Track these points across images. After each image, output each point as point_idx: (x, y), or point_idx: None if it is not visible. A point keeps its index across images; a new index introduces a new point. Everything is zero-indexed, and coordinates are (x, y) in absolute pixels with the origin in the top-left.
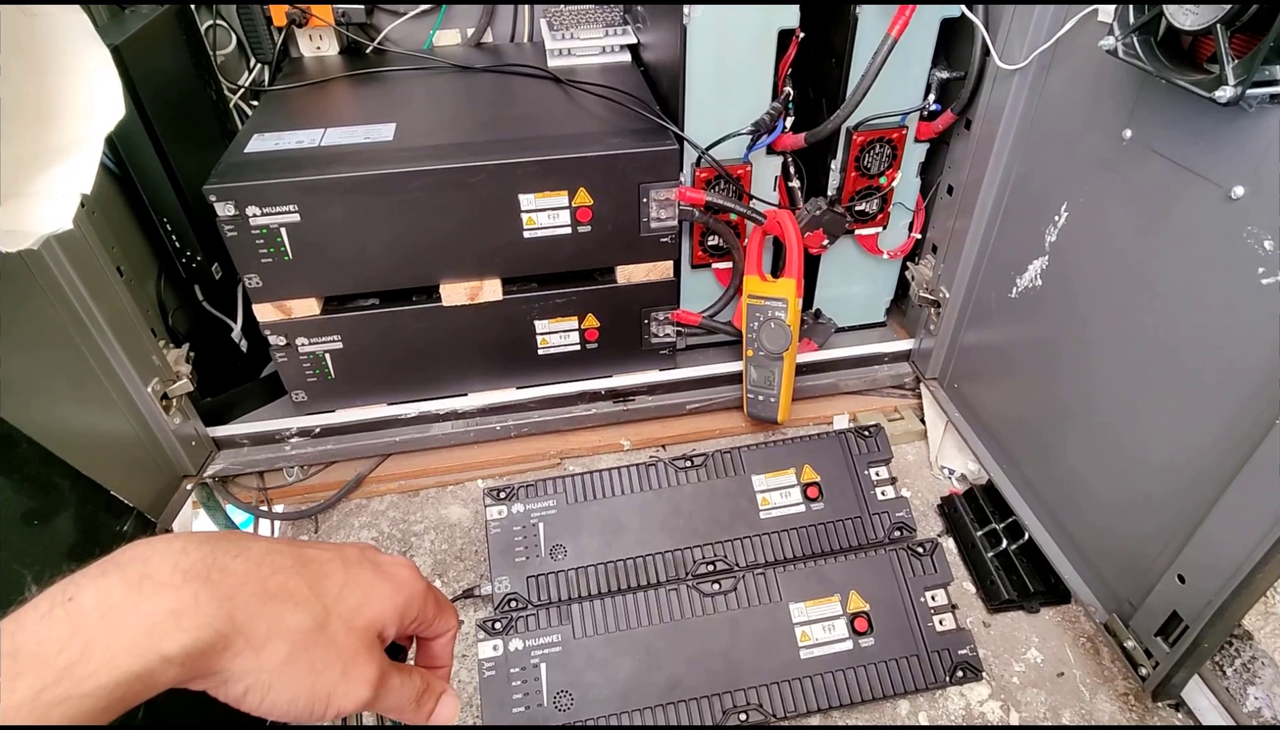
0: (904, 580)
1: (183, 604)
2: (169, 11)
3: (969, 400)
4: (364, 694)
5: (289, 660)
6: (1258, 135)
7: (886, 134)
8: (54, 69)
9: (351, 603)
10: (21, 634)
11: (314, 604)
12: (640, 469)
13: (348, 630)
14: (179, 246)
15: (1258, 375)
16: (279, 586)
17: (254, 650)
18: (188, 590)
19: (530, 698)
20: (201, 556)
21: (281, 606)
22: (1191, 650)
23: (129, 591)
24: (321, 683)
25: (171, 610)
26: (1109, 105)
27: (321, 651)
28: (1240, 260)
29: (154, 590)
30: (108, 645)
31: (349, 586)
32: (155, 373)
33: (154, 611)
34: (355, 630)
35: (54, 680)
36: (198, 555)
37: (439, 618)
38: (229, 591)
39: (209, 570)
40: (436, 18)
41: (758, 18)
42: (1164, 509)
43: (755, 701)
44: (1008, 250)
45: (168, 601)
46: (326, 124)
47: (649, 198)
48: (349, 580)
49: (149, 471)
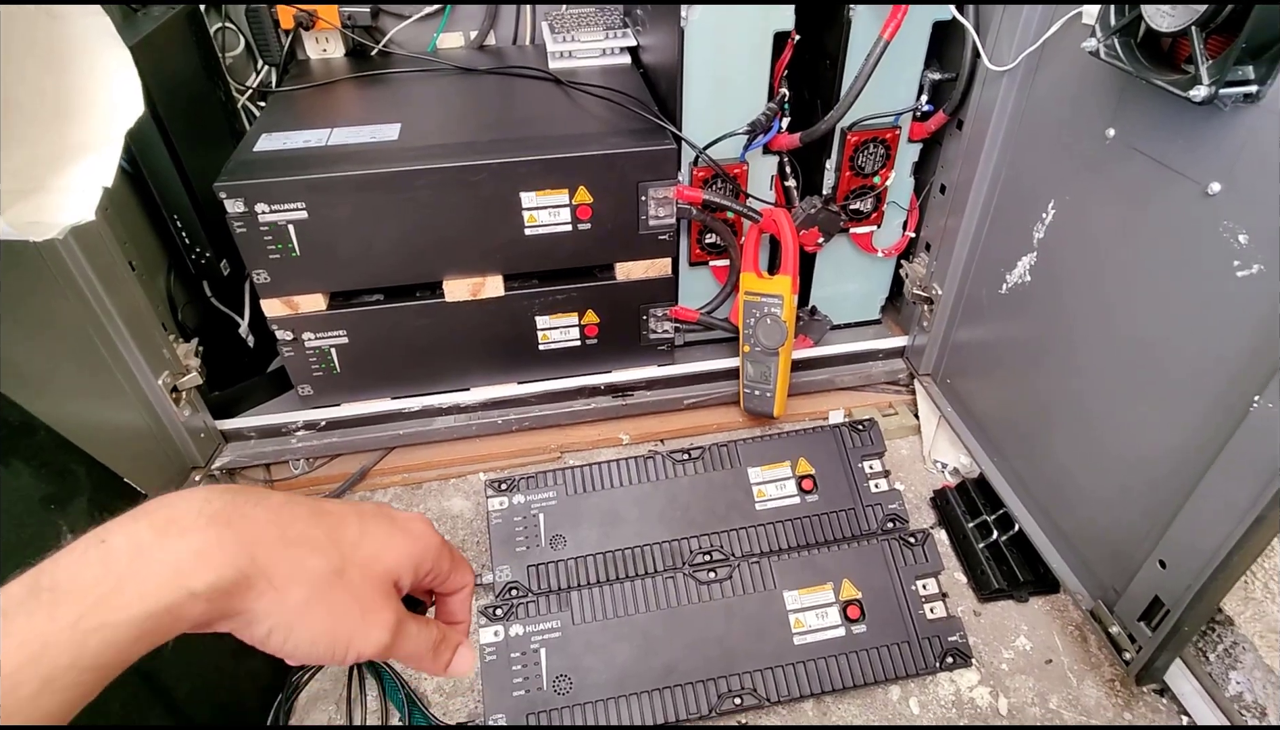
0: (895, 569)
1: (207, 545)
2: (180, 14)
3: (961, 395)
4: (382, 638)
5: (309, 602)
6: (1232, 133)
7: (880, 134)
8: (76, 68)
9: (368, 551)
10: (59, 571)
11: (331, 551)
12: (639, 462)
13: (365, 577)
14: (189, 243)
15: (1232, 365)
16: (298, 533)
17: (275, 591)
18: (212, 533)
19: (530, 681)
20: (224, 504)
21: (300, 551)
22: (1173, 633)
23: (157, 534)
24: (341, 625)
25: (197, 550)
26: (1093, 105)
27: (340, 595)
28: (1217, 254)
29: (180, 533)
30: (139, 580)
31: (365, 537)
32: (166, 366)
33: (181, 551)
34: (372, 577)
35: (90, 609)
36: (220, 503)
37: (454, 572)
38: (250, 536)
39: (231, 516)
40: (440, 21)
41: (754, 21)
42: (1146, 498)
43: (749, 686)
44: (998, 247)
45: (194, 543)
46: (333, 124)
47: (648, 196)
48: (365, 531)
49: (158, 463)
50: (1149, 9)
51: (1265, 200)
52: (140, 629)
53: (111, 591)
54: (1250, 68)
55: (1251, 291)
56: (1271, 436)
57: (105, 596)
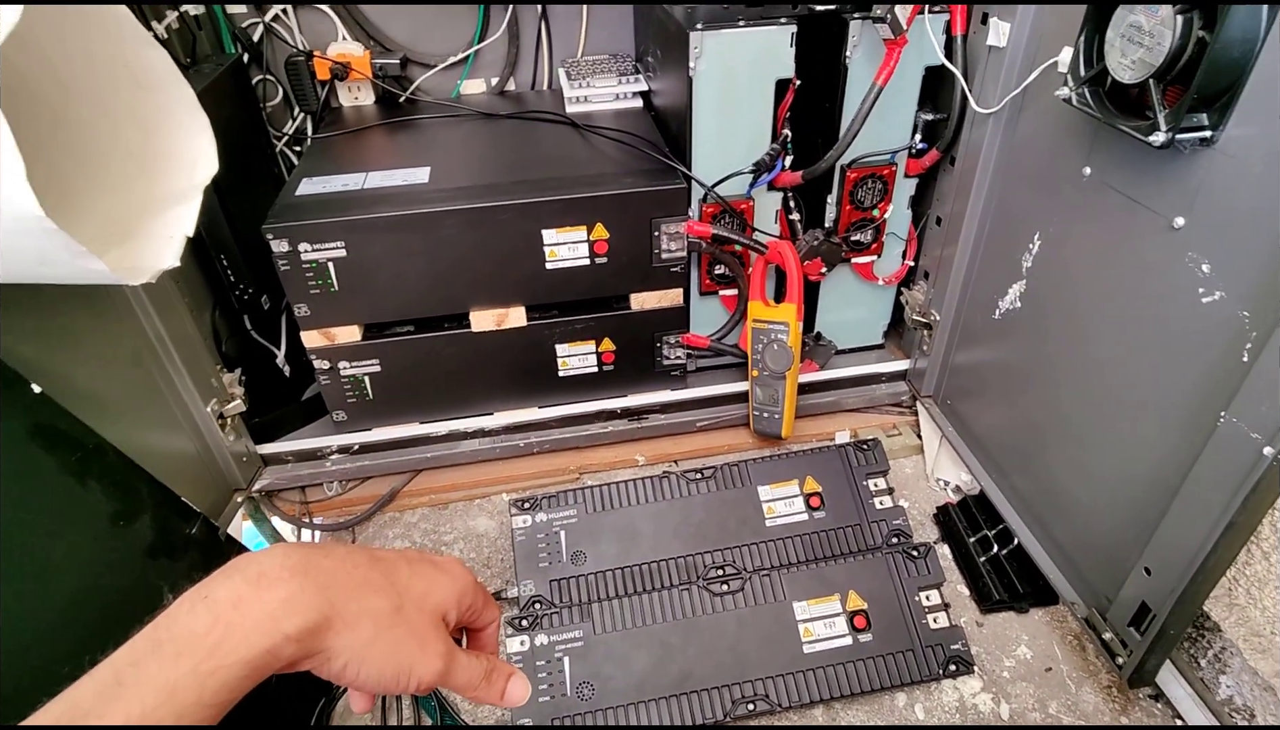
0: (899, 581)
1: (293, 593)
2: (227, 69)
3: (961, 416)
4: (438, 666)
5: (375, 638)
6: (1192, 173)
7: (878, 171)
8: (162, 131)
9: (419, 590)
10: (175, 625)
11: (390, 591)
12: (654, 481)
13: (419, 612)
14: (233, 280)
15: (1201, 383)
16: (361, 578)
17: (349, 629)
18: (295, 583)
19: (555, 688)
20: (300, 558)
21: (365, 593)
22: (1160, 636)
23: (251, 587)
24: (403, 657)
25: (285, 599)
26: (1070, 145)
27: (401, 631)
28: (1183, 282)
29: (270, 585)
30: (243, 628)
31: (415, 577)
32: (213, 394)
33: (273, 600)
34: (425, 613)
35: (206, 656)
36: (297, 557)
37: (486, 608)
38: (324, 582)
39: (307, 568)
40: (464, 69)
41: (757, 69)
42: (1131, 509)
43: (762, 692)
44: (990, 276)
45: (281, 592)
46: (368, 168)
47: (660, 231)
48: (414, 573)
49: (205, 485)
50: (1113, 62)
51: (1224, 233)
52: (248, 668)
53: (222, 639)
54: (1204, 115)
55: (1215, 316)
56: (1239, 450)
57: (217, 644)
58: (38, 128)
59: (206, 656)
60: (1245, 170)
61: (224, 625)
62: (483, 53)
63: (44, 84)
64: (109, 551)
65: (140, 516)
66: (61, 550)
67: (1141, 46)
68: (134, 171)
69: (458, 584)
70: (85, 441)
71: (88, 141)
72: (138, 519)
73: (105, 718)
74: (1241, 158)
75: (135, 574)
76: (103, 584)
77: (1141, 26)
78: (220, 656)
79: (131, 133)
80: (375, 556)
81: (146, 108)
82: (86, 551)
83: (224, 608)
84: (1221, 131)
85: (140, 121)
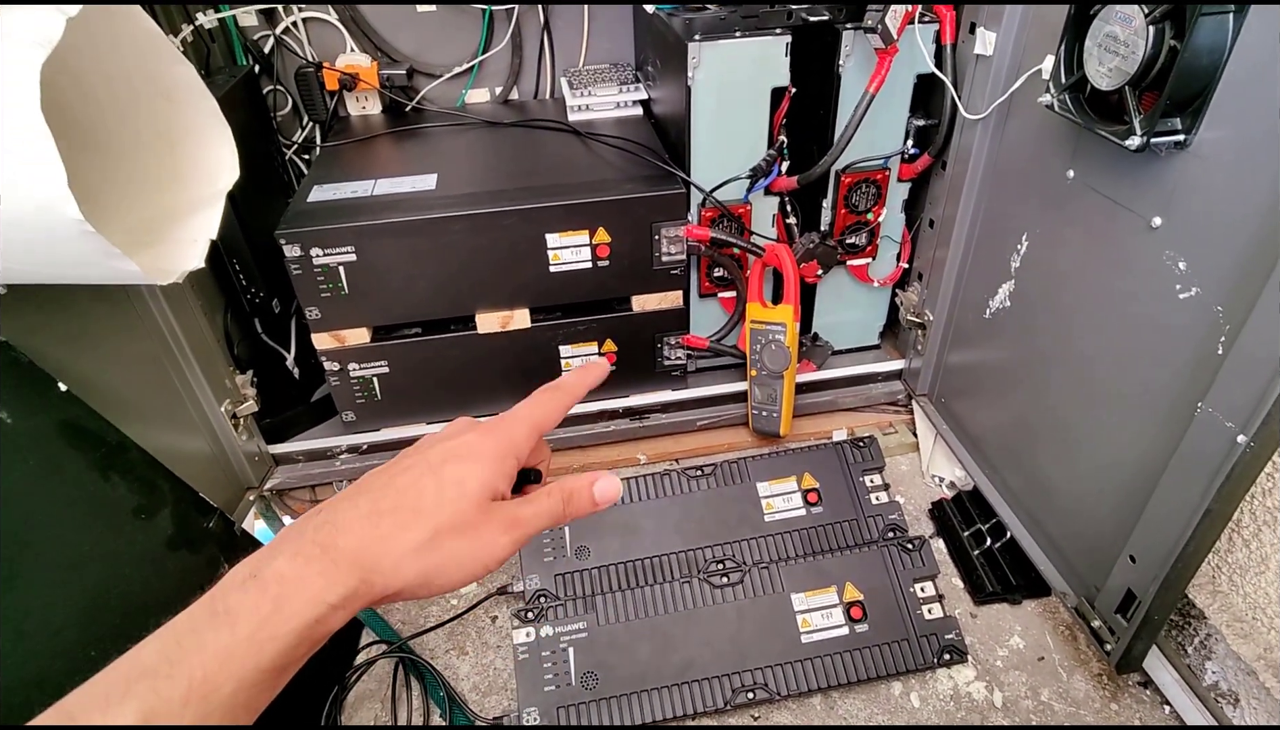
0: (895, 573)
1: (326, 568)
2: (239, 80)
3: (955, 414)
4: (502, 551)
5: (424, 571)
6: (1167, 175)
7: (872, 175)
8: (187, 141)
9: (451, 495)
10: (229, 598)
11: (420, 519)
12: (655, 478)
13: (458, 519)
14: (245, 284)
15: (1179, 376)
16: (390, 526)
17: (394, 573)
18: (328, 559)
19: (560, 678)
20: (326, 526)
21: (396, 537)
22: (1145, 622)
23: (290, 563)
24: (464, 567)
25: (320, 572)
26: (1054, 150)
27: (445, 549)
28: (1161, 279)
29: (306, 561)
30: (290, 601)
31: (445, 486)
32: (227, 395)
33: (311, 576)
34: (466, 514)
35: (260, 626)
36: (326, 530)
37: (534, 455)
38: (353, 546)
39: (334, 536)
40: (468, 79)
41: (753, 77)
42: (1116, 499)
43: (761, 681)
44: (981, 276)
45: (317, 568)
46: (376, 175)
47: (660, 235)
48: (442, 482)
49: (219, 483)
50: (1091, 70)
51: (1198, 232)
52: (299, 637)
53: (272, 612)
54: (1178, 120)
55: (1191, 311)
56: (1214, 439)
57: (269, 616)
58: (70, 142)
59: (259, 627)
60: (1217, 171)
61: (272, 599)
62: (487, 63)
63: (76, 100)
64: (132, 544)
65: (161, 511)
66: (88, 542)
67: (1117, 55)
68: (161, 180)
69: (488, 466)
70: (109, 438)
71: (118, 153)
72: (158, 513)
73: (171, 678)
74: (1213, 159)
75: (156, 565)
76: (126, 574)
77: (1117, 36)
78: (272, 627)
79: (159, 144)
80: (398, 487)
81: (173, 120)
82: (110, 543)
83: (270, 584)
84: (1194, 135)
85: (167, 133)
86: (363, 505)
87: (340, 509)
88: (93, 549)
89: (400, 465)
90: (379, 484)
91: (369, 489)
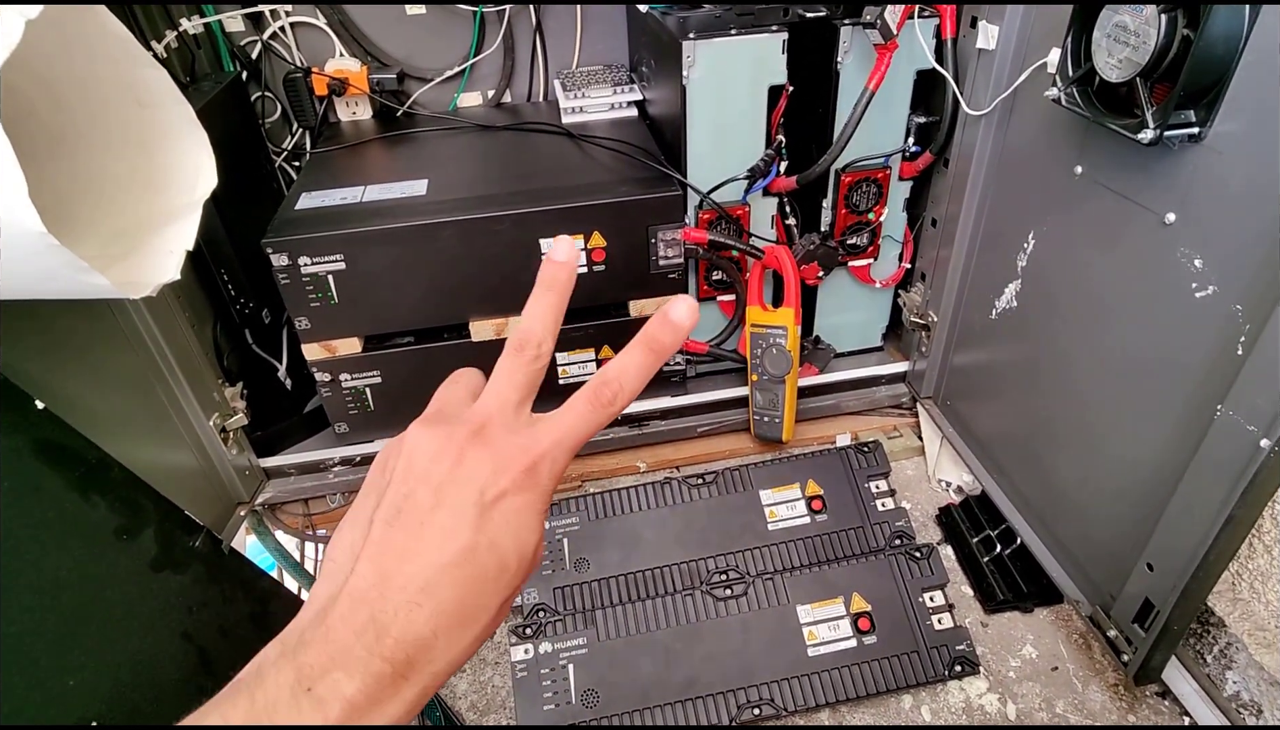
0: (903, 582)
1: (399, 685)
2: (225, 86)
3: (961, 417)
4: (526, 544)
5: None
6: (1181, 170)
7: (872, 174)
8: (161, 148)
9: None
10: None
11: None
12: (656, 487)
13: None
14: (233, 294)
15: (1197, 378)
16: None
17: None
18: (396, 672)
19: (560, 696)
20: (391, 641)
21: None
22: (1164, 632)
23: (364, 686)
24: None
25: (396, 692)
26: (1061, 145)
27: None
28: (1176, 277)
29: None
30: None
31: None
32: (216, 408)
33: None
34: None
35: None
36: (391, 640)
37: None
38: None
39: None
40: (460, 82)
41: (750, 76)
42: (1132, 506)
43: (767, 697)
44: (986, 276)
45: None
46: (366, 182)
47: (657, 238)
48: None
49: (208, 499)
50: (1100, 62)
51: (1215, 228)
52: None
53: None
54: (1191, 112)
55: (1208, 310)
56: (1235, 442)
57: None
58: (37, 148)
59: None
60: (1233, 165)
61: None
62: (478, 66)
63: (43, 105)
64: (113, 566)
65: (144, 531)
66: (66, 565)
67: (1127, 46)
68: (134, 188)
69: (483, 468)
70: (88, 457)
71: (88, 161)
72: (141, 533)
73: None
74: (1229, 153)
75: (139, 588)
76: (107, 597)
77: (1127, 26)
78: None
79: (132, 151)
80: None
81: (146, 126)
82: (90, 566)
83: (333, 707)
84: (1209, 128)
85: (140, 140)
86: (420, 600)
87: (390, 610)
88: (71, 572)
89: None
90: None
91: (407, 574)
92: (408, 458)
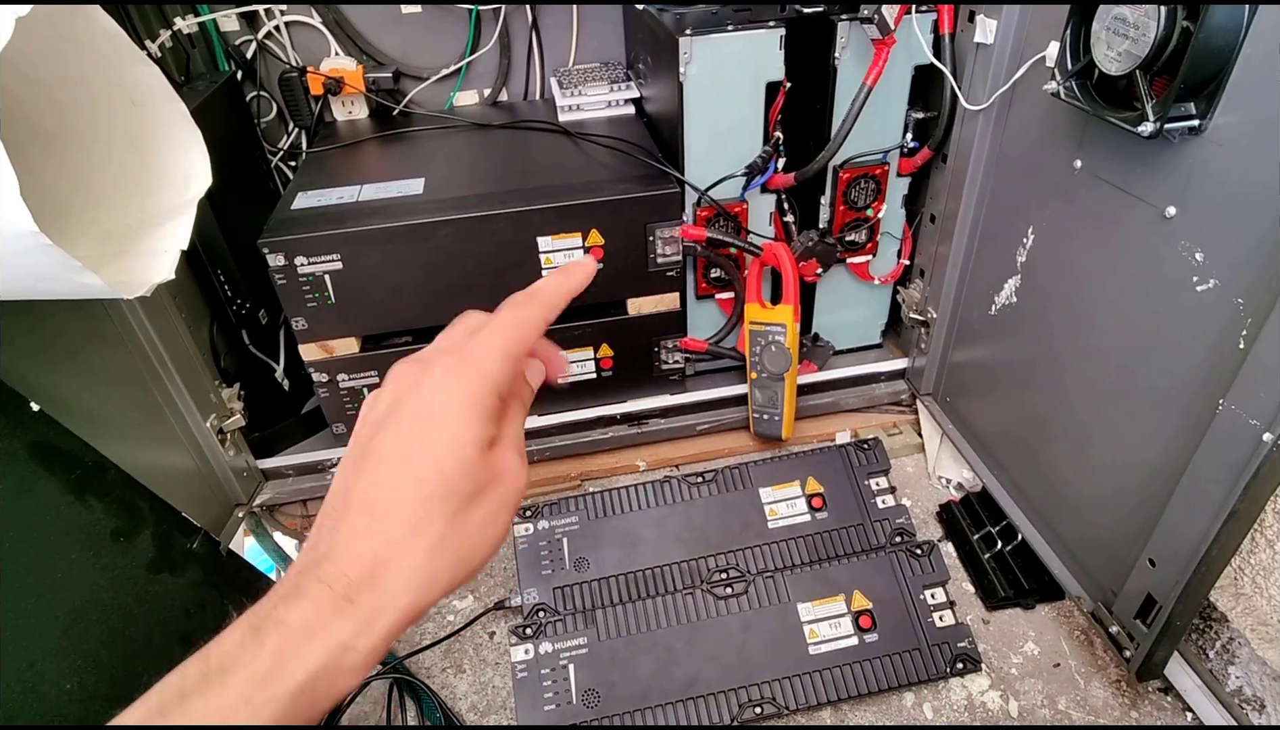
0: (904, 579)
1: (340, 604)
2: (220, 86)
3: (961, 413)
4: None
5: (454, 562)
6: (1182, 163)
7: (870, 170)
8: (155, 147)
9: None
10: (222, 656)
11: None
12: (655, 486)
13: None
14: (230, 295)
15: (1199, 372)
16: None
17: (425, 590)
18: (337, 593)
19: (560, 696)
20: (332, 565)
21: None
22: (1166, 628)
23: (299, 608)
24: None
25: (336, 610)
26: (1060, 139)
27: (470, 524)
28: (1177, 271)
29: (314, 603)
30: (296, 651)
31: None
32: (213, 410)
33: (325, 616)
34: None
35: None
36: (329, 565)
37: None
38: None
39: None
40: (456, 81)
41: (747, 72)
42: (1134, 500)
43: (768, 695)
44: (985, 272)
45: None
46: (362, 181)
47: (655, 236)
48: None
49: (205, 500)
50: (1099, 54)
51: (1216, 221)
52: (304, 692)
53: (273, 667)
54: (1191, 104)
55: (1210, 304)
56: (1238, 437)
57: (268, 673)
58: (30, 148)
59: (258, 686)
60: (1234, 158)
61: (271, 652)
62: (475, 64)
63: (36, 105)
64: (110, 568)
65: (141, 533)
66: (62, 568)
67: (1127, 38)
68: (128, 188)
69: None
70: (85, 459)
71: (81, 160)
72: (139, 535)
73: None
74: (1230, 145)
75: (137, 590)
76: (104, 600)
77: (1126, 18)
78: (273, 686)
79: (125, 150)
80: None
81: (140, 125)
82: (87, 569)
83: (269, 634)
84: (1209, 120)
85: (134, 139)
86: (360, 526)
87: (337, 539)
88: (68, 575)
89: (375, 453)
90: (362, 489)
91: (352, 499)
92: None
